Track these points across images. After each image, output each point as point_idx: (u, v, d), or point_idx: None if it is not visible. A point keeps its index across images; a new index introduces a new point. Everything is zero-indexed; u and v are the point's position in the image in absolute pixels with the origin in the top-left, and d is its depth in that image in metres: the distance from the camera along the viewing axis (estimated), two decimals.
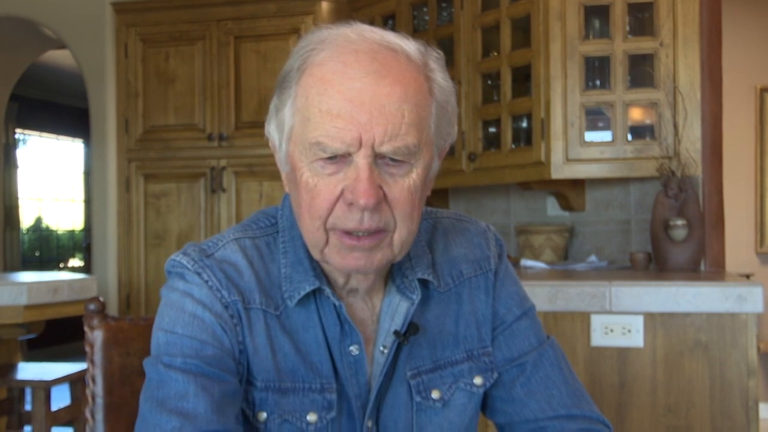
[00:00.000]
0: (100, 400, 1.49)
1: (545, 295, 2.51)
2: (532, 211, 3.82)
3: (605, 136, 3.24)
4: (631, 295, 2.50)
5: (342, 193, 1.07)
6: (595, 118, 3.28)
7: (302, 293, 1.14)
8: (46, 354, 7.00)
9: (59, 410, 3.12)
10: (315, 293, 1.16)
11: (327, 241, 1.10)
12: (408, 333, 1.18)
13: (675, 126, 3.14)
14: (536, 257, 3.55)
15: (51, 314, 3.18)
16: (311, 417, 1.14)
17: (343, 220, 1.07)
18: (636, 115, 3.28)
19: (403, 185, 1.08)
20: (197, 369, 1.08)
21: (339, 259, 1.10)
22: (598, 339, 2.53)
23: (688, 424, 2.49)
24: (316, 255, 1.13)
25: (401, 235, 1.10)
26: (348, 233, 1.08)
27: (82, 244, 9.32)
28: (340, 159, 1.06)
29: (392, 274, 1.20)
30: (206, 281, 1.14)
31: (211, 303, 1.13)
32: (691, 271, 3.04)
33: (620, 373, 2.52)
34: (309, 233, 1.11)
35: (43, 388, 2.97)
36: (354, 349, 1.16)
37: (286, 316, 1.16)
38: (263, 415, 1.14)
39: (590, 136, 3.24)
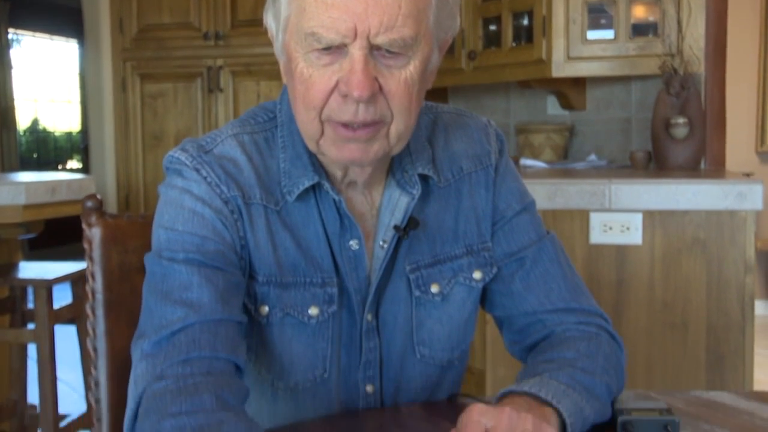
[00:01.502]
0: (100, 296, 1.49)
1: (544, 193, 2.51)
2: (532, 110, 3.79)
3: (607, 33, 3.19)
4: (630, 193, 2.50)
5: (337, 84, 1.05)
6: (598, 15, 3.23)
7: (301, 188, 1.14)
8: (46, 255, 7.04)
9: (61, 308, 3.14)
10: (314, 188, 1.15)
11: (322, 133, 1.09)
12: (408, 227, 1.17)
13: (678, 23, 3.09)
14: (536, 156, 3.54)
15: (49, 214, 3.17)
16: (312, 310, 1.15)
17: (338, 112, 1.06)
18: (639, 12, 3.23)
19: (400, 78, 1.06)
20: (200, 262, 1.08)
21: (335, 150, 1.09)
22: (596, 237, 2.53)
23: (684, 321, 2.51)
24: (312, 147, 1.12)
25: (398, 128, 1.08)
26: (343, 125, 1.06)
27: (80, 146, 9.28)
28: (335, 50, 1.04)
29: (392, 169, 1.19)
30: (205, 177, 1.13)
31: (210, 199, 1.12)
32: (691, 170, 3.03)
33: (618, 271, 2.53)
34: (304, 124, 1.10)
35: (45, 287, 2.99)
36: (354, 244, 1.16)
37: (287, 212, 1.15)
38: (265, 309, 1.14)
39: (592, 33, 3.19)
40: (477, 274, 1.22)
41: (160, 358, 1.01)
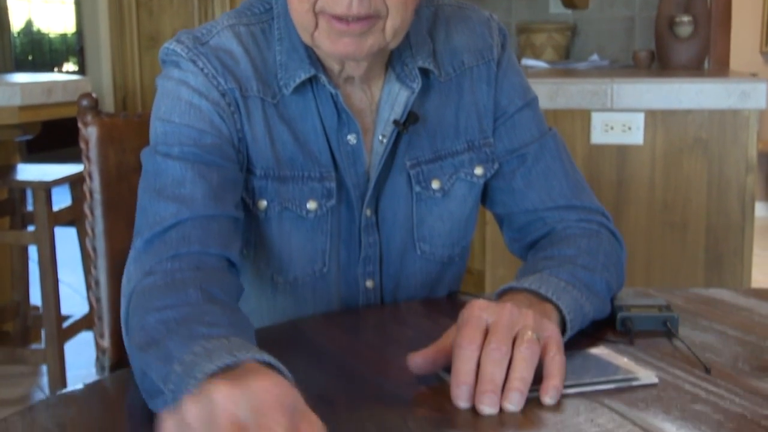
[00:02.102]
0: (98, 196, 1.48)
1: (546, 93, 2.48)
2: (533, 8, 3.73)
3: None
4: (632, 92, 2.47)
5: None
6: None
7: (297, 81, 1.12)
8: (45, 158, 7.02)
9: (60, 210, 3.14)
10: (312, 82, 1.13)
11: (316, 26, 1.06)
12: (407, 122, 1.16)
13: None
14: (537, 56, 3.49)
15: (46, 115, 3.15)
16: (311, 205, 1.14)
17: (332, 5, 1.03)
18: None
19: None
20: (195, 157, 1.07)
21: (329, 43, 1.07)
22: (598, 137, 2.51)
23: (684, 221, 2.51)
24: (306, 39, 1.09)
25: (394, 22, 1.06)
26: (337, 18, 1.04)
27: (75, 47, 9.16)
28: None
29: (392, 63, 1.16)
30: (201, 69, 1.11)
31: (207, 91, 1.10)
32: (695, 69, 2.99)
33: (619, 171, 2.52)
34: (298, 15, 1.07)
35: (44, 189, 2.98)
36: (351, 139, 1.15)
37: (284, 105, 1.14)
38: (263, 203, 1.13)
39: None
40: (478, 170, 1.21)
41: (150, 255, 1.01)
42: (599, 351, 0.99)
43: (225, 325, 0.86)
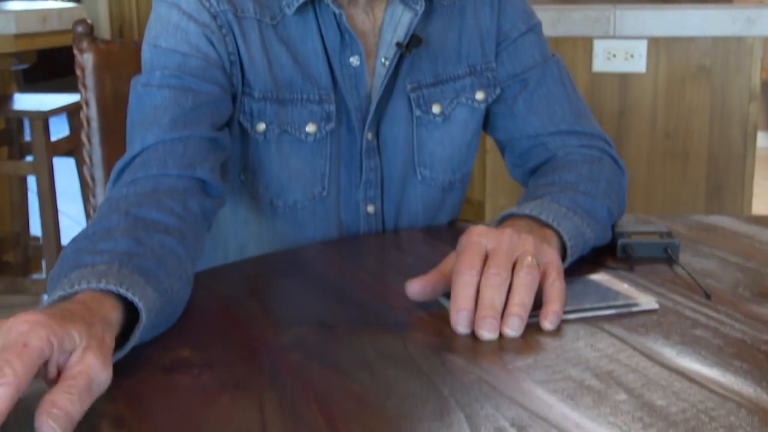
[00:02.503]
0: (95, 124, 1.47)
1: (547, 20, 2.44)
2: None
3: None
4: (635, 19, 2.44)
5: None
6: None
7: (301, 0, 1.10)
8: (41, 88, 6.96)
9: (58, 140, 3.13)
10: (314, 2, 1.11)
11: None
12: (410, 45, 1.14)
13: None
14: None
15: (41, 44, 3.11)
16: (310, 128, 1.13)
17: None
18: None
19: None
20: (175, 81, 1.05)
21: None
22: (600, 65, 2.49)
23: (685, 150, 2.50)
24: None
25: None
26: None
27: None
28: None
29: None
30: None
31: (197, 13, 1.09)
32: None
33: (620, 100, 2.50)
34: None
35: (41, 118, 2.96)
36: (354, 60, 1.13)
37: (283, 27, 1.12)
38: (262, 126, 1.12)
39: None
40: (479, 95, 1.20)
41: (116, 185, 0.99)
42: (599, 277, 0.99)
43: (118, 252, 0.82)
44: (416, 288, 0.90)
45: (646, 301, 0.92)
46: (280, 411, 0.70)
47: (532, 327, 0.86)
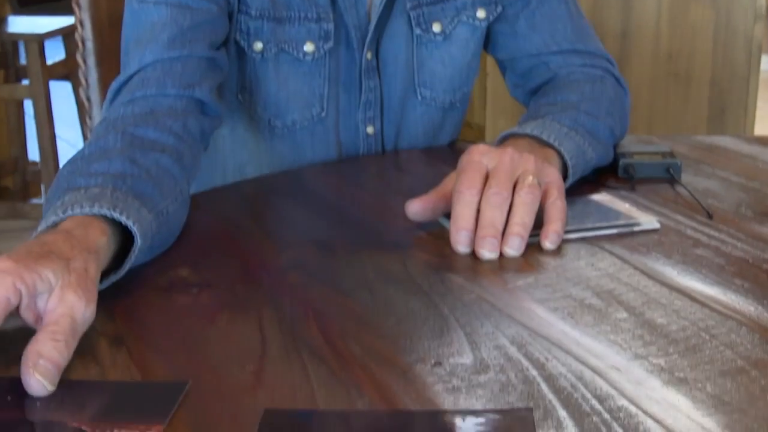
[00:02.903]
0: (90, 45, 1.44)
1: None
2: None
3: None
4: None
5: None
6: None
7: None
8: (36, 11, 6.86)
9: (54, 64, 3.10)
10: None
11: None
12: None
13: None
14: None
15: None
16: (308, 47, 1.11)
17: None
18: None
19: None
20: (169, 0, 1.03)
21: None
22: None
23: (688, 72, 2.47)
24: None
25: None
26: None
27: None
28: None
29: None
30: None
31: None
32: None
33: (623, 21, 2.46)
34: None
35: (36, 41, 2.93)
36: None
37: None
38: (259, 45, 1.10)
39: None
40: (480, 13, 1.18)
41: (113, 105, 0.98)
42: (601, 197, 0.98)
43: (112, 174, 0.81)
44: (416, 208, 0.89)
45: (648, 221, 0.91)
46: (279, 329, 0.70)
47: (533, 246, 0.85)
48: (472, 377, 0.62)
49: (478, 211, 0.85)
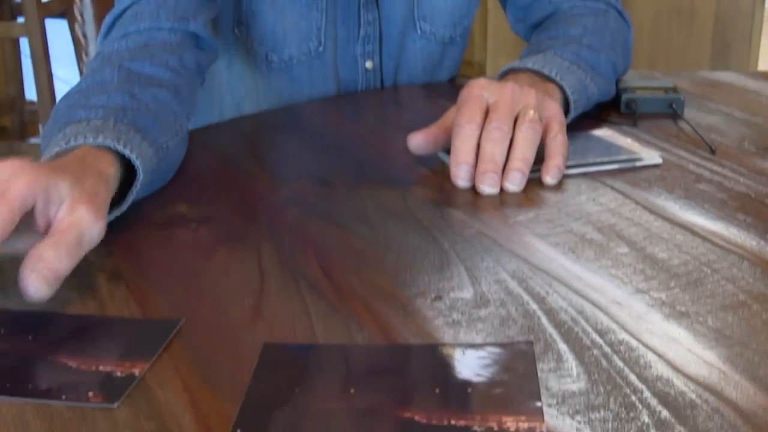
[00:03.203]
0: None
1: None
2: None
3: None
4: None
5: None
6: None
7: None
8: None
9: (50, 1, 3.06)
10: None
11: None
12: None
13: None
14: None
15: None
16: None
17: None
18: None
19: None
20: None
21: None
22: None
23: (692, 7, 2.44)
24: None
25: None
26: None
27: None
28: None
29: None
30: None
31: None
32: None
33: None
34: None
35: None
36: None
37: None
38: None
39: None
40: None
41: (106, 40, 0.96)
42: (602, 132, 0.97)
43: (113, 107, 0.80)
44: (417, 140, 0.88)
45: (650, 156, 0.90)
46: (278, 264, 0.69)
47: (534, 182, 0.85)
48: (472, 311, 0.62)
49: (479, 146, 0.84)
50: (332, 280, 0.67)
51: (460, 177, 0.83)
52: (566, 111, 0.95)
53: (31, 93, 3.30)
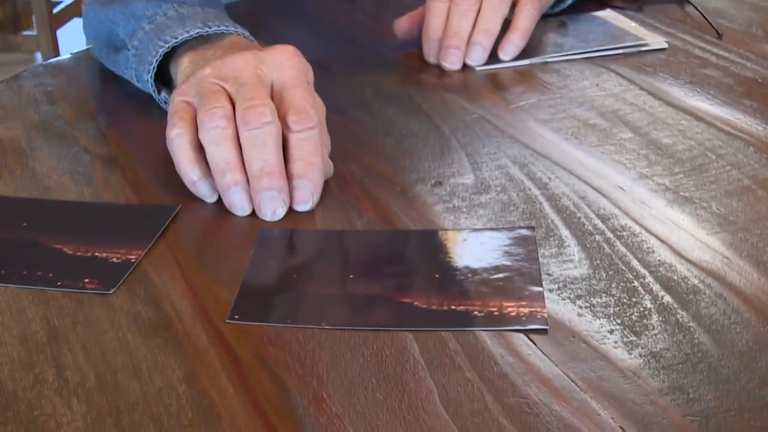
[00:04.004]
0: None
1: None
2: None
3: None
4: None
5: None
6: None
7: None
8: None
9: None
10: None
11: None
12: None
13: None
14: None
15: None
16: None
17: None
18: None
19: None
20: None
21: None
22: None
23: None
24: None
25: None
26: None
27: None
28: None
29: None
30: None
31: None
32: None
33: None
34: None
35: None
36: None
37: None
38: None
39: None
40: None
41: None
42: (607, 13, 0.95)
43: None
44: (402, 25, 0.86)
45: (655, 41, 0.88)
46: None
47: (536, 66, 0.83)
48: (473, 197, 0.61)
49: None
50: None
51: (431, 54, 0.82)
52: None
53: None
